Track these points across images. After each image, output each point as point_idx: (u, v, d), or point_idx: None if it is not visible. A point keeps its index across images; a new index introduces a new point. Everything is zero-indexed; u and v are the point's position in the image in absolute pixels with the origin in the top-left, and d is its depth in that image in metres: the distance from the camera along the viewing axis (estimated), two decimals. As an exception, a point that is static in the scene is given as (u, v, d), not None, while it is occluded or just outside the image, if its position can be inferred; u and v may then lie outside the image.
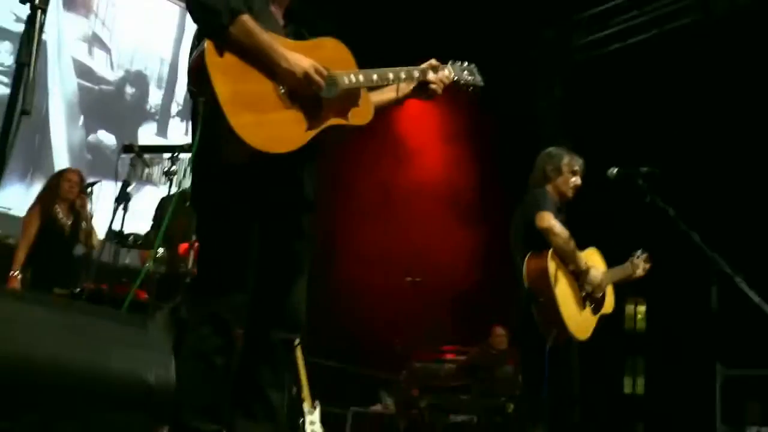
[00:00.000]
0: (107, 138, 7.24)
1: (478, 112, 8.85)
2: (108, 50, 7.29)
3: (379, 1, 8.77)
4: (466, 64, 3.22)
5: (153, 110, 7.65)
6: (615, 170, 4.17)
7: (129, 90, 7.45)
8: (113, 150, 7.13)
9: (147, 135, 7.54)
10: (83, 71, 7.11)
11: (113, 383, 1.95)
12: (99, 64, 7.20)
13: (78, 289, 5.02)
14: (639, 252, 4.76)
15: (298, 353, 5.95)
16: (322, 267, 7.36)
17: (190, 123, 2.78)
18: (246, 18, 2.57)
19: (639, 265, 4.69)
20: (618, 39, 9.03)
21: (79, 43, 7.07)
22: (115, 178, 4.42)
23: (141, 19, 7.55)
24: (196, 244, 4.48)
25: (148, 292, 4.89)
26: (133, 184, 4.50)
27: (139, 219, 5.28)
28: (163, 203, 5.16)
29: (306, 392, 5.31)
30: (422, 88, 3.07)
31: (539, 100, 9.98)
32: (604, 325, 4.59)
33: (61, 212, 5.75)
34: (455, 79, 3.13)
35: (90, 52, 7.15)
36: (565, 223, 4.41)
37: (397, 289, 7.35)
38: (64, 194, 5.78)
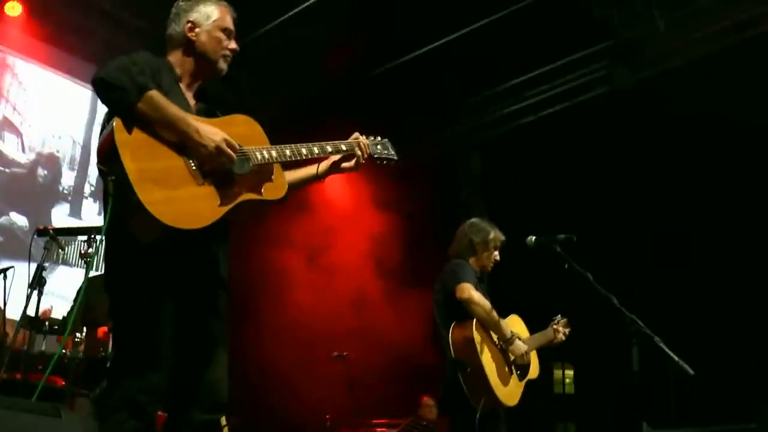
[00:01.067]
0: (19, 219, 7.22)
1: (400, 184, 9.01)
2: (19, 134, 7.34)
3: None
4: (379, 138, 3.27)
5: (66, 191, 7.68)
6: (533, 238, 4.22)
7: (41, 172, 7.49)
8: (26, 231, 7.12)
9: (60, 216, 7.52)
10: (-7, 154, 7.14)
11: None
12: (10, 147, 7.25)
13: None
14: (558, 317, 4.89)
15: (225, 435, 5.79)
16: (245, 343, 7.25)
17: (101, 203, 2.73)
18: (154, 93, 2.57)
19: (559, 329, 4.80)
20: (531, 112, 9.36)
21: (-11, 128, 7.14)
22: (29, 263, 4.29)
23: (52, 103, 7.62)
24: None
25: (65, 378, 4.70)
26: (47, 267, 4.36)
27: (54, 303, 5.11)
28: (93, 286, 5.00)
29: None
30: (344, 160, 3.11)
31: (459, 172, 10.22)
32: (534, 390, 4.64)
33: None
34: (368, 152, 3.17)
35: (0, 136, 7.20)
36: (486, 292, 4.48)
37: (324, 363, 7.27)
38: None
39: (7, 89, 7.36)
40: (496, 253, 4.67)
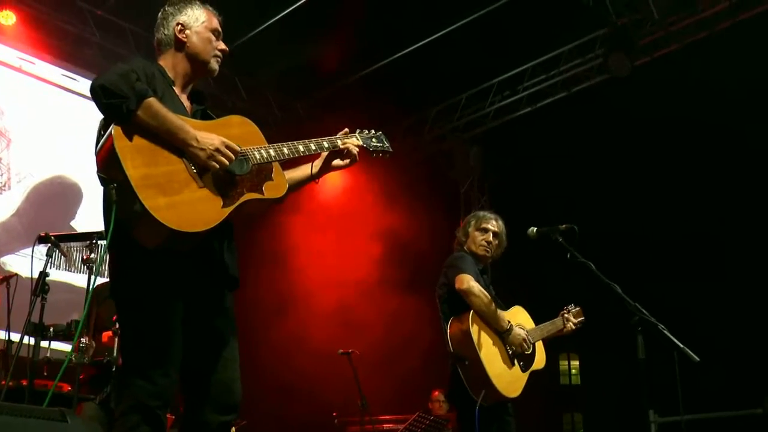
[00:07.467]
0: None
1: (401, 180, 9.01)
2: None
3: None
4: (373, 132, 3.30)
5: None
6: (535, 230, 4.18)
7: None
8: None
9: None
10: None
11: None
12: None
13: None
14: (571, 306, 4.78)
15: (234, 435, 5.79)
16: (250, 344, 7.25)
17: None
18: (153, 101, 2.57)
19: (570, 319, 4.72)
20: (529, 103, 9.35)
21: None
22: (31, 270, 4.27)
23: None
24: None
25: (71, 383, 4.70)
26: (50, 274, 4.35)
27: (58, 310, 5.09)
28: (98, 291, 4.99)
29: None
30: (336, 157, 3.11)
31: (456, 167, 10.20)
32: (540, 381, 4.61)
33: None
34: (364, 145, 3.19)
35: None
36: (490, 284, 4.46)
37: (330, 361, 7.27)
38: None
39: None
40: (484, 236, 4.54)
